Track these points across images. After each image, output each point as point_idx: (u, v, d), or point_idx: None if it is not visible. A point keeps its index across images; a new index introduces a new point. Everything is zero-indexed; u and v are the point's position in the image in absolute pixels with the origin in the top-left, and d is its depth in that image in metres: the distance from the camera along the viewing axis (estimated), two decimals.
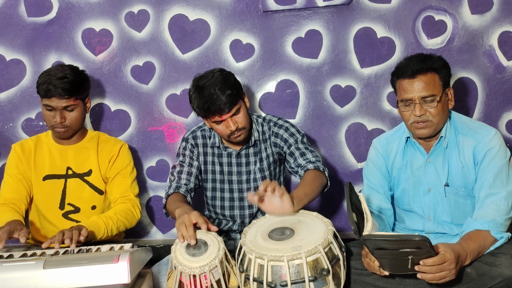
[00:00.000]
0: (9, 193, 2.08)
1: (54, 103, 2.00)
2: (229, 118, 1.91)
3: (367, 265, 1.63)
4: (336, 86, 2.40)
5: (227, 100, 1.86)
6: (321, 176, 1.90)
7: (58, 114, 2.02)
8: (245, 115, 1.96)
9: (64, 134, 2.07)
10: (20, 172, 2.10)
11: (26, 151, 2.13)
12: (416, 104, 1.74)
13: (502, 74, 2.33)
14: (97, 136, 2.20)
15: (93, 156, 2.14)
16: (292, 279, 1.48)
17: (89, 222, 1.90)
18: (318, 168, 1.92)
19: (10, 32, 2.46)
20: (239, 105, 1.93)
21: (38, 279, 1.46)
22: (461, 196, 1.81)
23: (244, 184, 2.11)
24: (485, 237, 1.62)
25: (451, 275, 1.49)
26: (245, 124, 1.96)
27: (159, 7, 2.41)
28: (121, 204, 2.10)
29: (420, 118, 1.75)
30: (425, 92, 1.73)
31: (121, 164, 2.16)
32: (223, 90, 1.87)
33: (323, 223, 1.64)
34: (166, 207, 1.96)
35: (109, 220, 1.96)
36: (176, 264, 1.60)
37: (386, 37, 2.35)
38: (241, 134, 1.96)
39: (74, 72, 2.06)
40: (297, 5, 2.33)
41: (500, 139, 1.77)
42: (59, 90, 1.97)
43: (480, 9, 2.30)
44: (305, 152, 1.99)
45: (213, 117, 1.91)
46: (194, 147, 2.10)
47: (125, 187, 2.14)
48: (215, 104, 1.86)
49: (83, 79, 2.10)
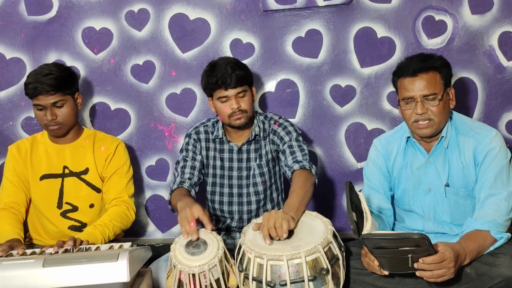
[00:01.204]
0: (8, 197, 2.09)
1: (42, 101, 2.00)
2: (234, 96, 1.98)
3: (366, 265, 1.63)
4: (336, 86, 2.40)
5: (235, 76, 1.96)
6: (309, 175, 1.89)
7: (48, 112, 2.02)
8: (250, 102, 2.03)
9: (58, 131, 2.07)
10: (17, 174, 2.11)
11: (22, 151, 2.13)
12: (417, 102, 1.74)
13: (502, 74, 2.33)
14: (93, 134, 2.20)
15: (90, 154, 2.14)
16: (291, 278, 1.48)
17: (86, 235, 1.89)
18: (304, 167, 1.91)
19: (10, 30, 2.46)
20: (246, 89, 2.02)
21: (38, 278, 1.46)
22: (461, 197, 1.81)
23: (243, 180, 2.12)
24: (484, 237, 1.62)
25: (450, 273, 1.49)
26: (248, 109, 2.01)
27: (159, 6, 2.41)
28: (115, 207, 2.10)
29: (422, 117, 1.75)
30: (427, 91, 1.73)
31: (118, 163, 2.16)
32: (234, 68, 1.97)
33: (323, 223, 1.64)
34: (171, 203, 1.96)
35: (105, 229, 1.97)
36: (176, 263, 1.60)
37: (386, 37, 2.35)
38: (242, 117, 2.01)
39: (58, 68, 2.07)
40: (298, 4, 2.33)
41: (501, 140, 1.77)
42: (45, 86, 1.98)
43: (481, 9, 2.30)
44: (295, 151, 1.99)
45: (219, 91, 1.98)
46: (197, 142, 2.13)
47: (120, 188, 2.14)
48: (223, 76, 1.96)
49: (69, 74, 2.10)
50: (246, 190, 2.13)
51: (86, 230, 1.96)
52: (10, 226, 1.97)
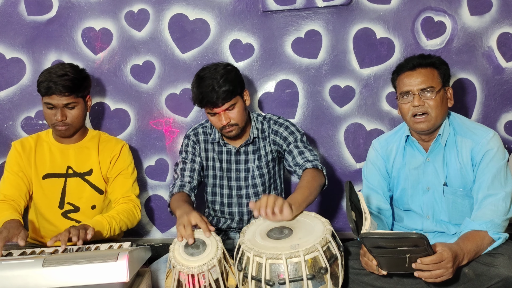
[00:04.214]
0: (9, 190, 2.07)
1: (55, 100, 2.00)
2: (222, 112, 1.94)
3: (365, 265, 1.63)
4: (335, 87, 2.41)
5: (221, 94, 1.90)
6: (319, 176, 1.91)
7: (59, 112, 2.02)
8: (240, 112, 1.98)
9: (65, 132, 2.07)
10: (20, 169, 2.10)
11: (27, 149, 2.13)
12: (415, 95, 1.77)
13: (501, 75, 2.34)
14: (98, 136, 2.21)
15: (94, 155, 2.15)
16: (290, 277, 1.49)
17: (94, 222, 1.90)
18: (316, 167, 1.92)
19: (10, 30, 2.46)
20: (235, 102, 1.95)
21: (38, 277, 1.46)
22: (459, 196, 1.82)
23: (242, 182, 2.12)
24: (482, 238, 1.63)
25: (448, 273, 1.49)
26: (238, 121, 1.98)
27: (159, 7, 2.41)
28: (123, 204, 2.10)
29: (419, 109, 1.76)
30: (424, 84, 1.76)
31: (123, 164, 2.16)
32: (220, 85, 1.90)
33: (322, 223, 1.65)
34: (170, 206, 1.96)
35: (112, 220, 1.97)
36: (175, 264, 1.60)
37: (386, 38, 2.35)
38: (233, 130, 1.99)
39: (74, 70, 2.07)
40: (297, 5, 2.33)
41: (498, 140, 1.78)
42: (60, 87, 1.98)
43: (479, 10, 2.30)
44: (304, 151, 1.99)
45: (207, 108, 1.97)
46: (195, 144, 2.12)
47: (126, 188, 2.14)
48: (208, 96, 1.91)
49: (84, 76, 2.10)
50: (245, 192, 2.13)
51: (94, 218, 1.95)
52: (9, 211, 1.94)
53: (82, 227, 1.78)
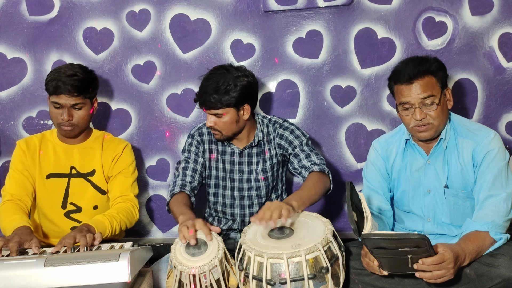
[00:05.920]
0: (15, 189, 2.07)
1: (62, 100, 2.00)
2: (210, 115, 1.98)
3: (366, 265, 1.63)
4: (336, 87, 2.41)
5: (208, 100, 1.93)
6: (325, 179, 1.91)
7: (65, 111, 2.02)
8: (227, 123, 1.97)
9: (70, 132, 2.08)
10: (25, 168, 2.10)
11: (31, 148, 2.12)
12: (416, 108, 1.74)
13: (502, 76, 2.34)
14: (101, 136, 2.21)
15: (98, 156, 2.15)
16: (291, 276, 1.49)
17: (96, 222, 1.89)
18: (323, 171, 1.92)
19: (11, 30, 2.46)
20: (224, 112, 1.95)
21: (39, 277, 1.46)
22: (460, 198, 1.81)
23: (245, 183, 2.12)
24: (484, 238, 1.63)
25: (449, 274, 1.49)
26: (222, 130, 1.99)
27: (160, 7, 2.41)
28: (121, 203, 2.10)
29: (421, 122, 1.75)
30: (424, 94, 1.73)
31: (124, 163, 2.16)
32: (215, 90, 1.92)
33: (323, 223, 1.65)
34: (170, 205, 1.95)
35: (113, 219, 1.97)
36: (176, 264, 1.60)
37: (387, 38, 2.35)
38: (217, 134, 2.02)
39: (83, 70, 2.07)
40: (298, 5, 2.34)
41: (499, 141, 1.78)
42: (68, 87, 1.98)
43: (481, 11, 2.30)
44: (310, 154, 1.99)
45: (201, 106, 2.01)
46: (199, 144, 2.12)
47: (125, 186, 2.14)
48: (201, 96, 1.97)
49: (92, 78, 2.11)
50: (248, 193, 2.13)
51: (96, 217, 1.94)
52: (18, 216, 1.94)
53: (86, 230, 1.77)
